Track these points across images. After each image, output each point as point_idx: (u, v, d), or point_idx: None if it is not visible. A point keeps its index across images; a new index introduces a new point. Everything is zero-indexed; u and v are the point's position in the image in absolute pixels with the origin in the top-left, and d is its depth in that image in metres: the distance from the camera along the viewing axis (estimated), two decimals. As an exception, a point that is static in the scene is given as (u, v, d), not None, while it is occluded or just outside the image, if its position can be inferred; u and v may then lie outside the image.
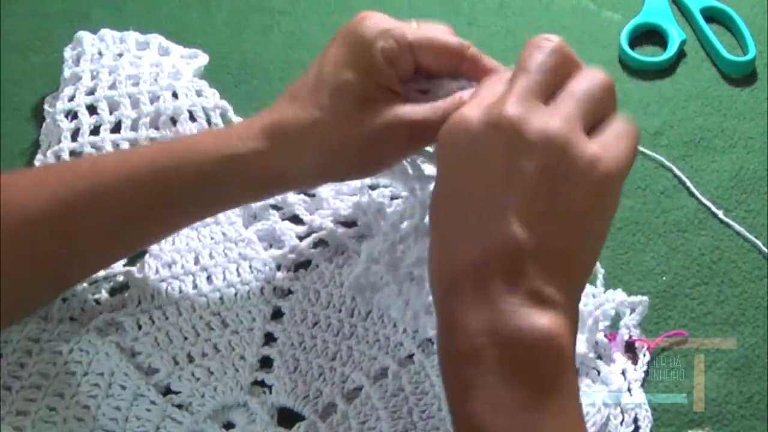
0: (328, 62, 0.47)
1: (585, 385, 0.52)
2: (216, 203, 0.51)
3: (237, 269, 0.56)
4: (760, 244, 0.59)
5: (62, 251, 0.49)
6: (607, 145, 0.40)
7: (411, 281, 0.51)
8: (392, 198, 0.59)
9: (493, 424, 0.37)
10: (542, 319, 0.38)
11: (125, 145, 0.61)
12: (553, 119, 0.39)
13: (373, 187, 0.59)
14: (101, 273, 0.55)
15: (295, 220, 0.59)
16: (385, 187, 0.60)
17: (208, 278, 0.56)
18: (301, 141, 0.47)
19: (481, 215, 0.39)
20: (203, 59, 0.66)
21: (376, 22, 0.47)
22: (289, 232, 0.58)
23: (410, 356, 0.53)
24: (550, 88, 0.41)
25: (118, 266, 0.56)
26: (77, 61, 0.64)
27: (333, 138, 0.46)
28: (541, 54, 0.41)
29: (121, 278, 0.56)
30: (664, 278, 0.57)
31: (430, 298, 0.51)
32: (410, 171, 0.50)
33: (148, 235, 0.52)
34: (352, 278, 0.53)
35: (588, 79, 0.41)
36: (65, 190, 0.48)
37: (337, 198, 0.59)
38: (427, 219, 0.49)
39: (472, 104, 0.41)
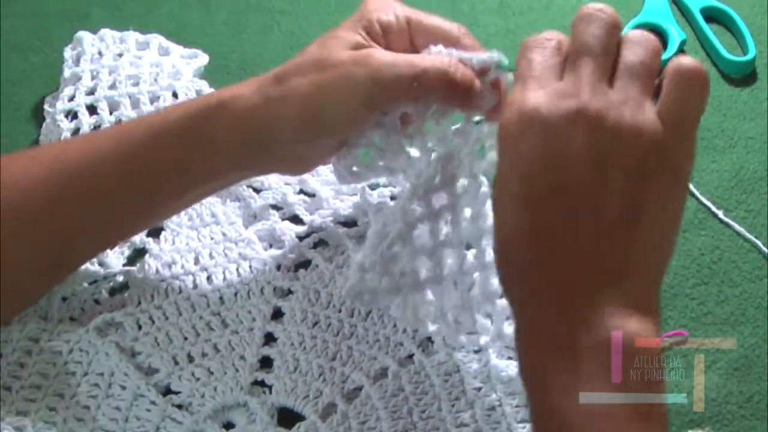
0: (331, 30, 0.49)
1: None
2: (202, 164, 0.49)
3: (237, 269, 0.56)
4: (760, 244, 0.59)
5: (59, 230, 0.49)
6: (674, 122, 0.38)
7: (405, 280, 0.51)
8: (392, 198, 0.59)
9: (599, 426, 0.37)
10: (648, 329, 0.37)
11: (125, 145, 0.61)
12: (628, 108, 0.38)
13: (373, 188, 0.59)
14: (101, 272, 0.56)
15: (295, 220, 0.59)
16: (385, 186, 0.60)
17: (208, 278, 0.56)
18: (282, 80, 0.47)
19: (571, 212, 0.38)
20: (203, 59, 0.66)
21: (383, 1, 0.49)
22: (289, 232, 0.58)
23: (410, 356, 0.53)
24: (610, 67, 0.40)
25: (118, 266, 0.56)
26: (77, 61, 0.64)
27: (309, 71, 0.47)
28: (600, 29, 0.40)
29: (121, 278, 0.56)
30: (664, 278, 0.57)
31: (429, 294, 0.51)
32: (401, 154, 0.50)
33: (142, 208, 0.51)
34: (347, 288, 0.53)
35: (638, 47, 0.40)
36: (60, 165, 0.49)
37: (337, 198, 0.59)
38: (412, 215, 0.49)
39: (533, 87, 0.39)
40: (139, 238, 0.57)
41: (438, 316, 0.51)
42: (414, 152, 0.50)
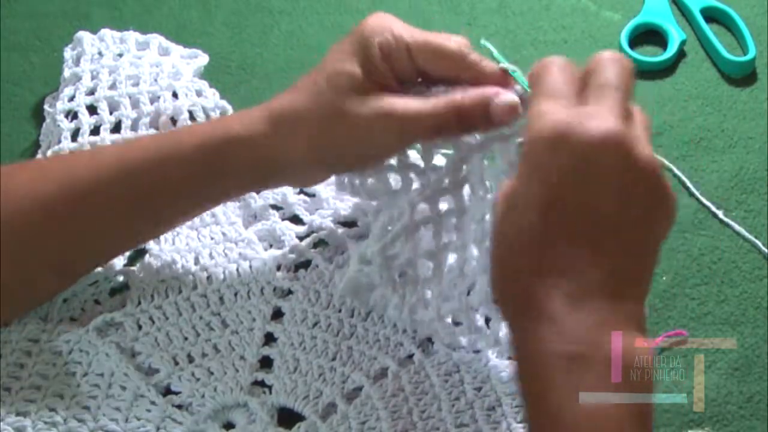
0: (331, 54, 0.48)
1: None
2: (213, 190, 0.51)
3: (237, 269, 0.56)
4: (760, 244, 0.59)
5: (67, 242, 0.50)
6: None
7: (404, 279, 0.51)
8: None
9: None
10: (643, 342, 0.39)
11: (125, 145, 0.61)
12: (646, 145, 0.40)
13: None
14: (101, 272, 0.56)
15: (295, 220, 0.59)
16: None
17: (208, 278, 0.56)
18: (296, 124, 0.48)
19: (587, 229, 0.39)
20: (203, 59, 0.66)
21: (382, 20, 0.48)
22: (289, 232, 0.58)
23: (410, 356, 0.53)
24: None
25: (119, 266, 0.56)
26: (77, 61, 0.64)
27: (326, 122, 0.47)
28: (626, 73, 0.42)
29: (121, 278, 0.56)
30: (664, 278, 0.57)
31: (428, 293, 0.51)
32: (421, 163, 0.50)
33: (151, 224, 0.52)
34: (345, 281, 0.53)
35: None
36: (68, 183, 0.50)
37: (337, 198, 0.59)
38: (418, 215, 0.49)
39: (561, 104, 0.41)
40: (139, 238, 0.57)
41: (435, 317, 0.51)
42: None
